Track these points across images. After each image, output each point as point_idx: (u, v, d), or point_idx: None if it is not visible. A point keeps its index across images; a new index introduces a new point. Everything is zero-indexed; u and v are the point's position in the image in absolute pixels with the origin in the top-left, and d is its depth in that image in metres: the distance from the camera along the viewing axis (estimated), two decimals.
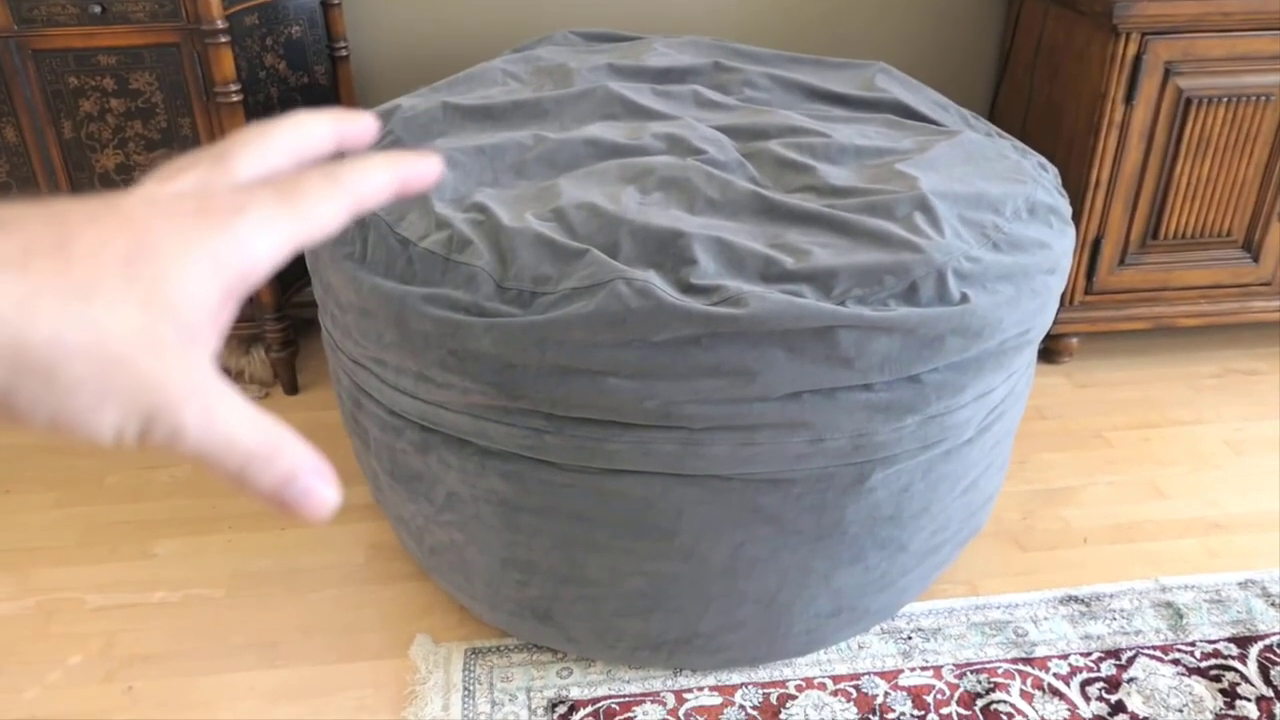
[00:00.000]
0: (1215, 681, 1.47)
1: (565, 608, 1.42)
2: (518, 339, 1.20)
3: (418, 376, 1.32)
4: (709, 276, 1.23)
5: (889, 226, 1.31)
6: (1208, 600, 1.62)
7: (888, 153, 1.54)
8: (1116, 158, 2.02)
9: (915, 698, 1.45)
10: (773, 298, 1.18)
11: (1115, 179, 2.04)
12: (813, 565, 1.37)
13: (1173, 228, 2.10)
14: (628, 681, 1.48)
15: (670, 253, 1.26)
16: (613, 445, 1.25)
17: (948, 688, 1.47)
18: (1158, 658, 1.52)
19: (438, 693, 1.45)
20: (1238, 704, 1.44)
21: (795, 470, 1.27)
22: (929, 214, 1.33)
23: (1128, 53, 1.92)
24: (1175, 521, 1.81)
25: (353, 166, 0.36)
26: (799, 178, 1.46)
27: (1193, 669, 1.50)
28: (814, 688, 1.47)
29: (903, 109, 1.73)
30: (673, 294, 1.19)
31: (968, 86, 2.50)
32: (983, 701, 1.44)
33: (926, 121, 1.71)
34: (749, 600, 1.39)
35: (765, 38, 2.39)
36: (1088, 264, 2.12)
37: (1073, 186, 2.06)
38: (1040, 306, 1.38)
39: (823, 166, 1.48)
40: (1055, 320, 2.12)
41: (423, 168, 0.39)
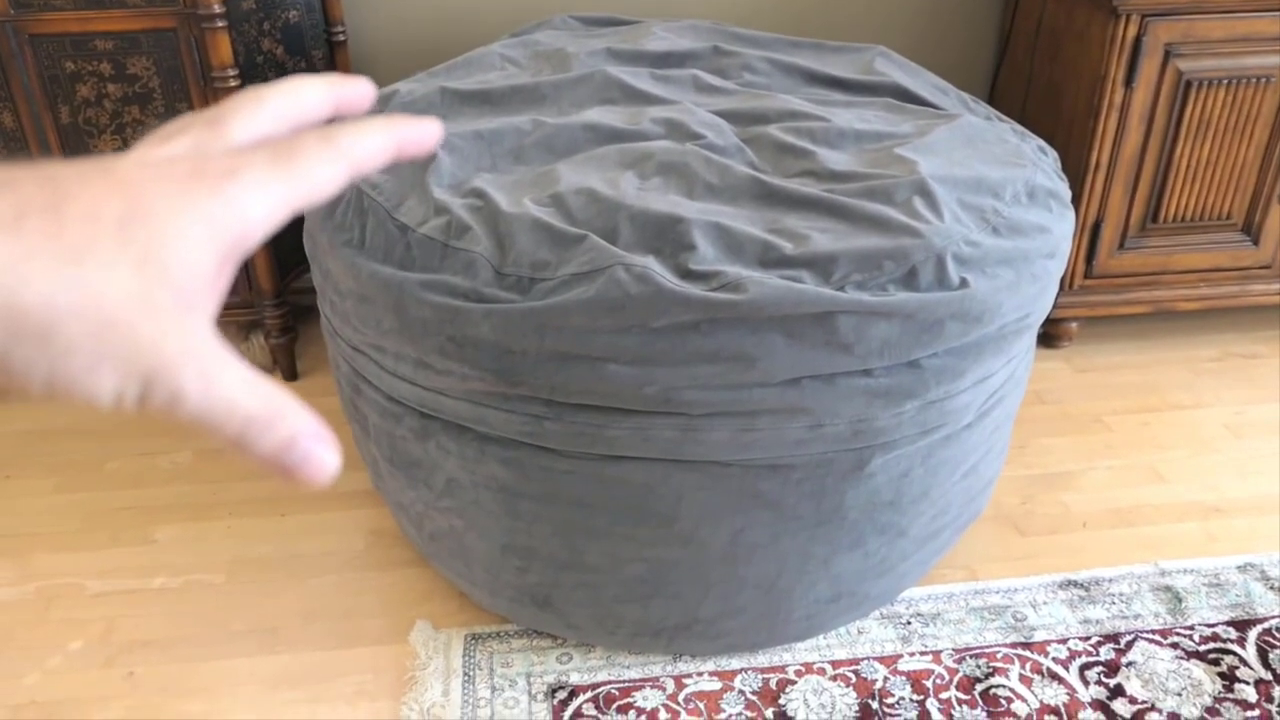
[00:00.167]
0: (1214, 665, 1.48)
1: (565, 594, 1.42)
2: (517, 325, 1.19)
3: (417, 363, 1.31)
4: (708, 262, 1.22)
5: (888, 211, 1.30)
6: (1207, 584, 1.62)
7: (887, 137, 1.54)
8: (1116, 140, 2.01)
9: (914, 682, 1.45)
10: (772, 283, 1.17)
11: (1115, 162, 2.03)
12: (812, 551, 1.37)
13: (1172, 211, 2.10)
14: (628, 667, 1.48)
15: (669, 238, 1.26)
16: (612, 431, 1.25)
17: (947, 672, 1.47)
18: (1156, 641, 1.52)
19: (438, 678, 1.46)
20: (1236, 687, 1.44)
21: (795, 456, 1.27)
22: (928, 198, 1.33)
23: (1128, 35, 1.91)
24: (1174, 505, 1.81)
25: (349, 129, 0.35)
26: (798, 162, 1.46)
27: (1191, 653, 1.50)
28: (813, 673, 1.47)
29: (902, 93, 1.73)
30: (672, 280, 1.19)
31: (967, 69, 2.49)
32: (982, 686, 1.45)
33: (926, 105, 1.70)
34: (749, 586, 1.39)
35: (764, 21, 2.38)
36: (1087, 248, 2.12)
37: (1072, 169, 2.05)
38: (1040, 291, 1.37)
39: (822, 151, 1.47)
40: (1055, 304, 2.12)
41: (421, 131, 0.38)
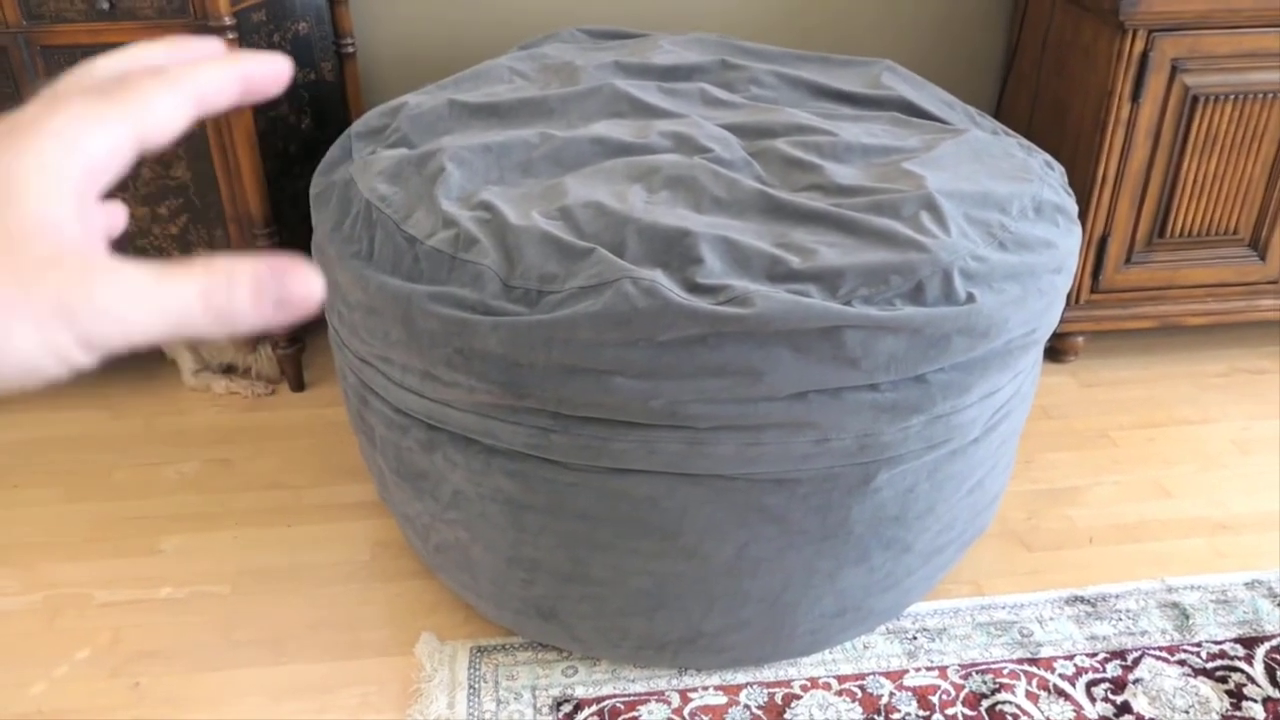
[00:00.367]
0: (1221, 682, 1.47)
1: (570, 606, 1.42)
2: (524, 338, 1.20)
3: (424, 375, 1.32)
4: (715, 276, 1.23)
5: (895, 226, 1.31)
6: (1214, 601, 1.62)
7: (894, 151, 1.54)
8: (1123, 155, 2.01)
9: (920, 698, 1.45)
10: (779, 297, 1.18)
11: (1121, 177, 2.03)
12: (818, 565, 1.37)
13: (1179, 226, 2.10)
14: (632, 680, 1.48)
15: (676, 252, 1.26)
16: (618, 444, 1.25)
17: (953, 688, 1.46)
18: (1164, 658, 1.51)
19: (443, 690, 1.46)
20: (1244, 705, 1.43)
21: (801, 470, 1.27)
22: (935, 213, 1.33)
23: (1134, 50, 1.91)
24: (1181, 521, 1.81)
25: (186, 64, 0.34)
26: (805, 176, 1.46)
27: (1199, 670, 1.49)
28: (819, 688, 1.47)
29: (909, 107, 1.73)
30: (679, 293, 1.19)
31: (974, 84, 2.49)
32: (988, 702, 1.44)
33: (933, 119, 1.70)
34: (754, 600, 1.39)
35: (771, 35, 2.38)
36: (1094, 262, 2.12)
37: (1079, 184, 2.05)
38: (1046, 306, 1.38)
39: (829, 165, 1.48)
40: (1061, 319, 2.11)
41: (269, 66, 0.36)
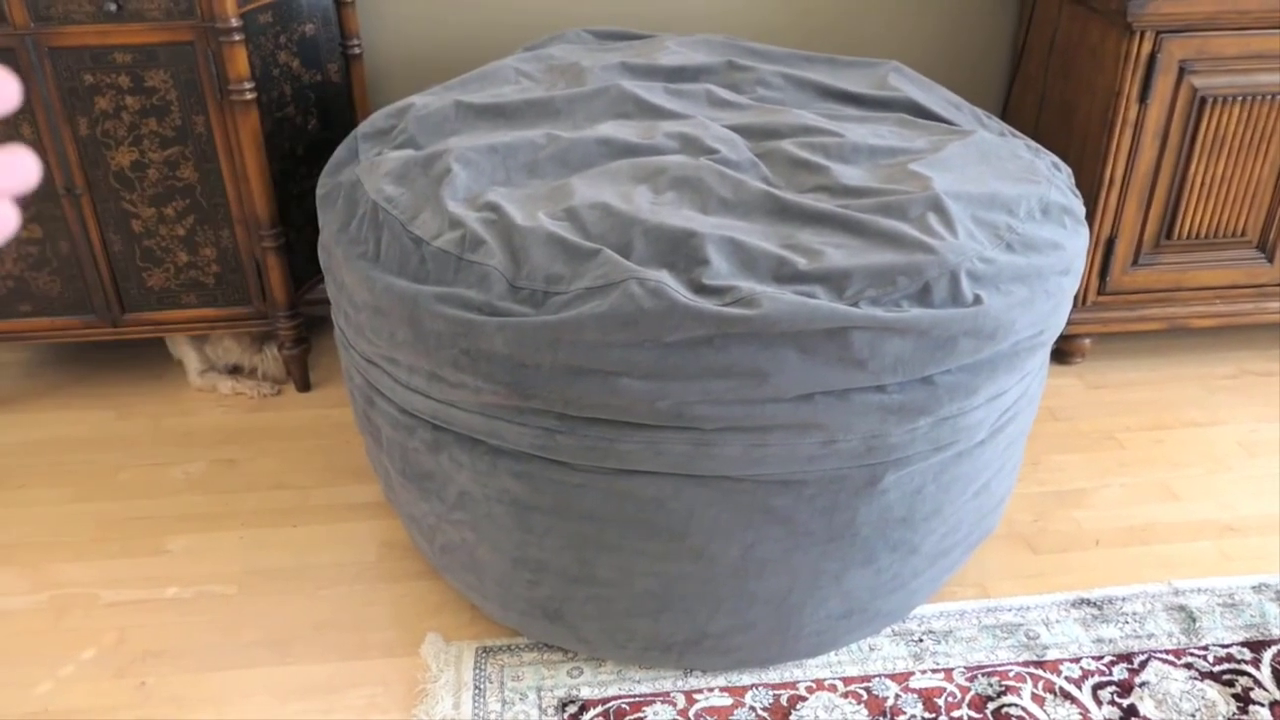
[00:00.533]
0: (1228, 686, 1.47)
1: (576, 607, 1.42)
2: (530, 339, 1.20)
3: (430, 375, 1.32)
4: (722, 277, 1.22)
5: (902, 227, 1.30)
6: (1221, 604, 1.61)
7: (901, 152, 1.54)
8: (1130, 157, 2.00)
9: (926, 700, 1.45)
10: (785, 299, 1.17)
11: (1129, 178, 2.03)
12: (824, 567, 1.37)
13: (1187, 228, 2.09)
14: (638, 681, 1.48)
15: (683, 253, 1.26)
16: (625, 446, 1.25)
17: (959, 690, 1.46)
18: (1170, 662, 1.51)
19: (448, 691, 1.46)
20: (1251, 709, 1.43)
21: (807, 472, 1.27)
22: (942, 214, 1.33)
23: (1142, 51, 1.91)
24: (1188, 524, 1.80)
25: None
26: (812, 178, 1.46)
27: (1206, 673, 1.49)
28: (824, 689, 1.46)
29: (916, 108, 1.73)
30: (685, 294, 1.19)
31: (980, 85, 2.49)
32: (994, 705, 1.44)
33: (940, 121, 1.70)
34: (760, 601, 1.39)
35: (778, 36, 2.38)
36: (1101, 264, 2.11)
37: (1086, 186, 2.05)
38: (1054, 308, 1.37)
39: (836, 166, 1.47)
40: (1068, 321, 2.11)
41: None
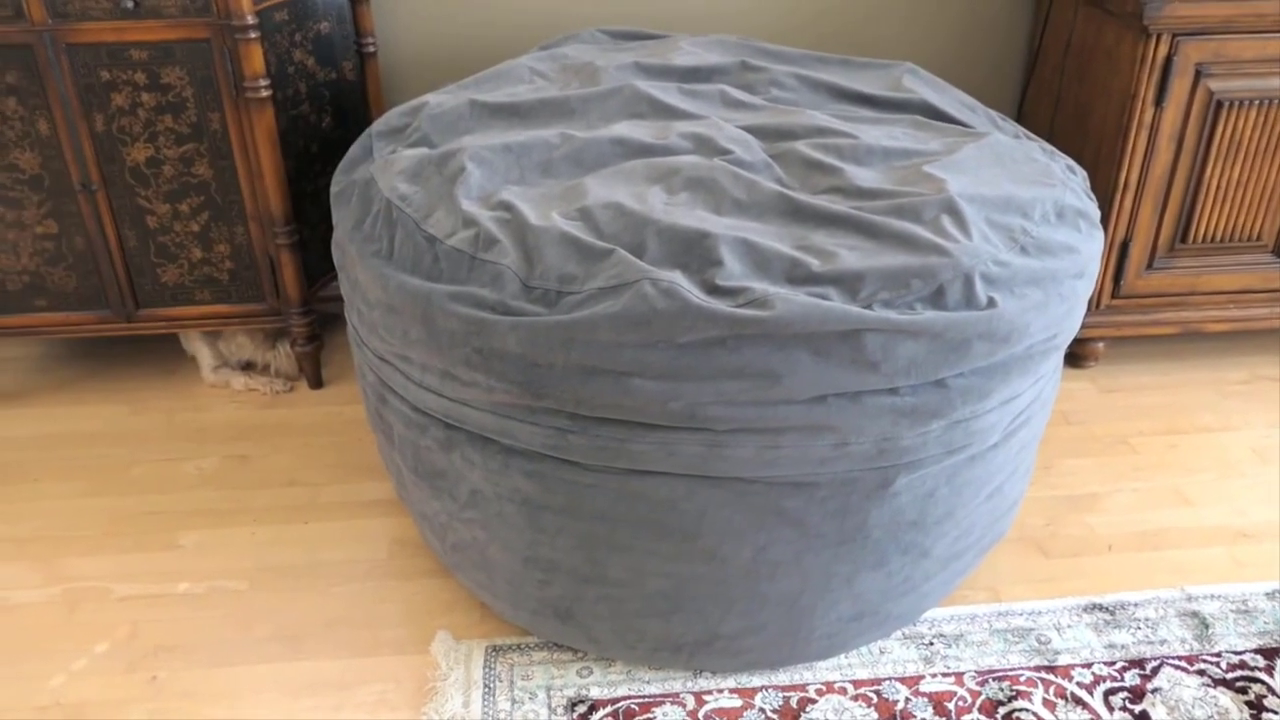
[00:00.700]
0: (1241, 693, 1.46)
1: (587, 607, 1.42)
2: (543, 338, 1.20)
3: (443, 374, 1.32)
4: (735, 278, 1.22)
5: (916, 229, 1.30)
6: (1234, 610, 1.60)
7: (915, 154, 1.53)
8: (1145, 160, 1.99)
9: (936, 704, 1.44)
10: (799, 300, 1.17)
11: (1144, 182, 2.02)
12: (835, 569, 1.37)
13: (1202, 231, 2.08)
14: (648, 682, 1.48)
15: (696, 254, 1.26)
16: (637, 446, 1.25)
17: (969, 695, 1.46)
18: (1183, 668, 1.50)
19: (458, 689, 1.46)
20: (1264, 716, 1.42)
21: (819, 474, 1.27)
22: (956, 217, 1.33)
23: (1158, 54, 1.90)
24: (1201, 529, 1.79)
25: None
26: (826, 179, 1.46)
27: (1219, 680, 1.48)
28: (834, 692, 1.46)
29: (930, 110, 1.72)
30: (698, 295, 1.19)
31: (995, 87, 2.48)
32: (1005, 709, 1.43)
33: (954, 123, 1.70)
34: (771, 603, 1.38)
35: (792, 37, 2.38)
36: (1115, 267, 2.10)
37: (1100, 189, 2.04)
38: (1068, 311, 1.37)
39: (850, 168, 1.47)
40: (1082, 324, 2.10)
41: None
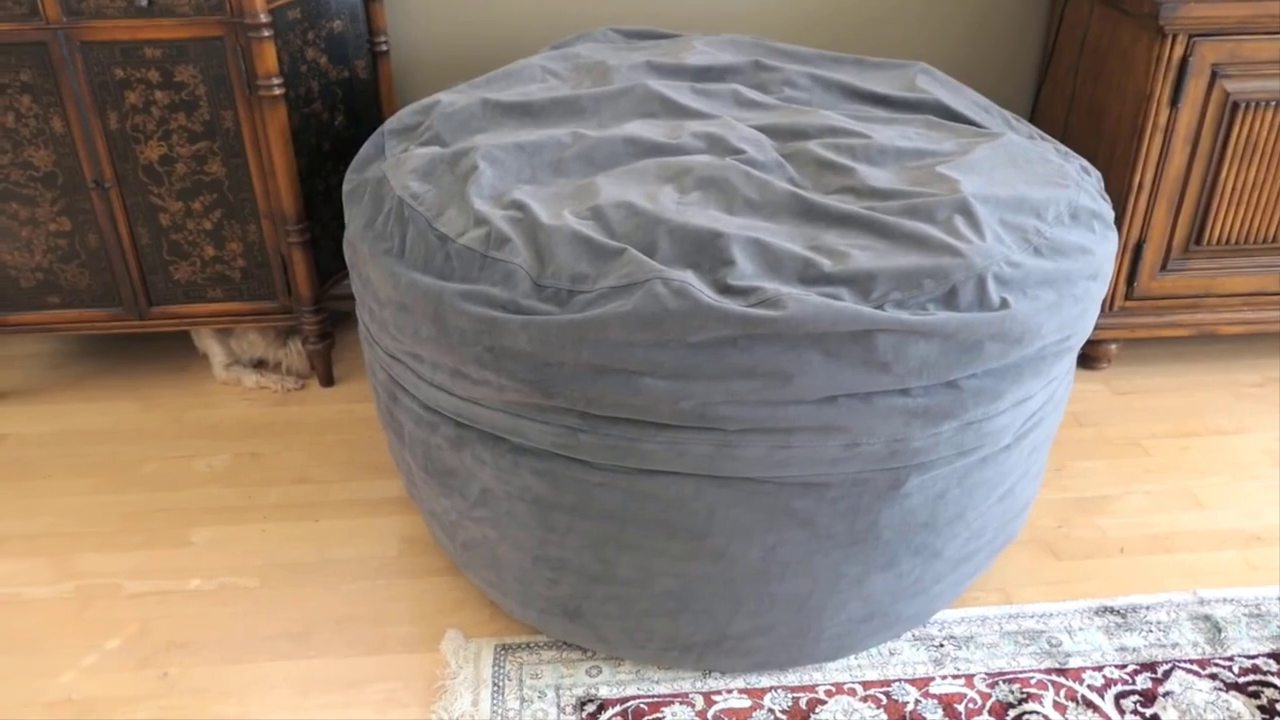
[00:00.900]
0: (1254, 698, 1.45)
1: (596, 606, 1.42)
2: (554, 337, 1.20)
3: (454, 372, 1.32)
4: (747, 278, 1.22)
5: (929, 230, 1.29)
6: (1247, 614, 1.59)
7: (928, 155, 1.53)
8: (1160, 161, 1.98)
9: (946, 706, 1.44)
10: (810, 300, 1.17)
11: (1159, 183, 2.01)
12: (845, 570, 1.36)
13: (1217, 233, 2.07)
14: (657, 682, 1.48)
15: (708, 253, 1.26)
16: (647, 445, 1.25)
17: (979, 697, 1.45)
18: (1195, 672, 1.49)
19: (467, 688, 1.46)
20: None
21: (830, 474, 1.27)
22: (970, 217, 1.32)
23: (1174, 54, 1.89)
24: (1214, 533, 1.78)
25: None
26: (838, 179, 1.45)
27: (1231, 684, 1.47)
28: (844, 693, 1.46)
29: (944, 110, 1.72)
30: (710, 295, 1.18)
31: (1009, 88, 2.47)
32: (1015, 712, 1.43)
33: (968, 123, 1.69)
34: (780, 603, 1.38)
35: (806, 37, 2.37)
36: (1129, 269, 2.09)
37: (1115, 190, 2.03)
38: (1081, 313, 1.36)
39: (862, 168, 1.47)
40: (1095, 326, 2.09)
41: None
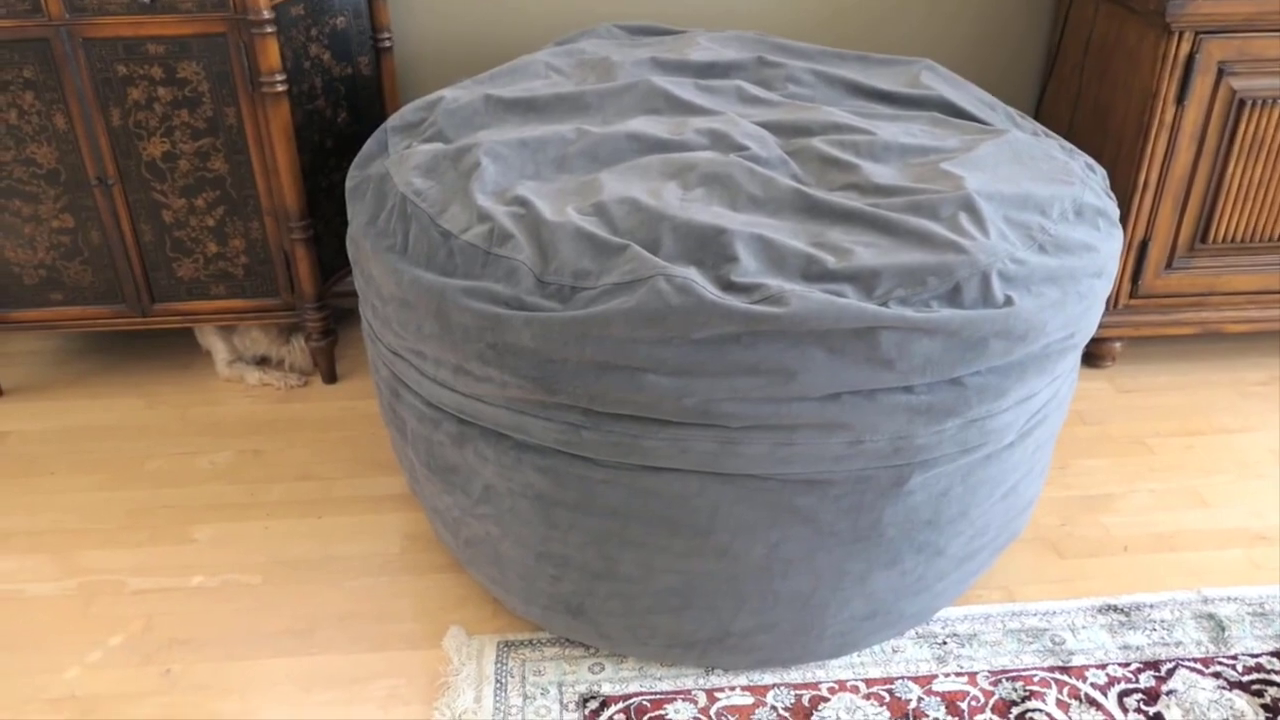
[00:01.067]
0: (1258, 696, 1.45)
1: (599, 603, 1.42)
2: (557, 334, 1.19)
3: (456, 369, 1.32)
4: (750, 274, 1.22)
5: (933, 226, 1.29)
6: (1251, 613, 1.59)
7: (933, 151, 1.52)
8: (1166, 159, 1.98)
9: (949, 704, 1.44)
10: (814, 297, 1.17)
11: (1164, 181, 2.00)
12: (848, 567, 1.36)
13: (1222, 231, 2.06)
14: (659, 679, 1.48)
15: (711, 250, 1.25)
16: (650, 442, 1.24)
17: (982, 695, 1.45)
18: (1198, 670, 1.49)
19: (470, 685, 1.46)
20: None
21: (833, 471, 1.26)
22: (974, 214, 1.32)
23: (1180, 52, 1.88)
24: (1218, 531, 1.78)
25: None
26: (842, 175, 1.45)
27: (1234, 683, 1.47)
28: (847, 690, 1.46)
29: (948, 107, 1.71)
30: (713, 291, 1.18)
31: (1014, 85, 2.46)
32: (1018, 710, 1.42)
33: (972, 120, 1.69)
34: (783, 600, 1.38)
35: (810, 34, 2.37)
36: (1134, 267, 2.09)
37: (1120, 187, 2.03)
38: (1085, 310, 1.36)
39: (866, 164, 1.46)
40: (1099, 324, 2.09)
41: None
